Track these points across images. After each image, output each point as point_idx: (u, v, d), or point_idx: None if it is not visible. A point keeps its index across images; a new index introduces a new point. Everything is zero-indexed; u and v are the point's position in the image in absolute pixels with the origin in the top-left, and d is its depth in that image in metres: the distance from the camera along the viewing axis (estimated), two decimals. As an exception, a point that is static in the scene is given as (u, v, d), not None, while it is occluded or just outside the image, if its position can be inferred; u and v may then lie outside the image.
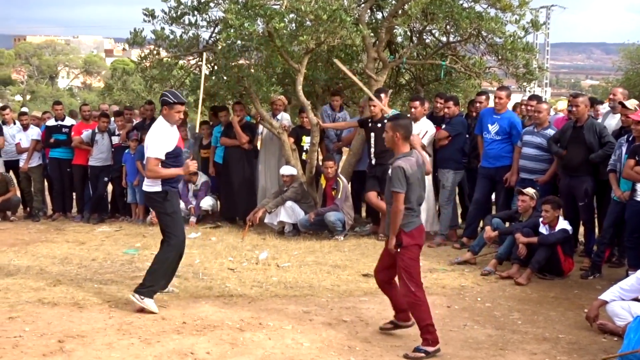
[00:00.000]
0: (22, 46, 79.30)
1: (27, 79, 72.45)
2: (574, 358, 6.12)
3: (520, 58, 11.83)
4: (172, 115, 7.22)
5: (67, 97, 59.43)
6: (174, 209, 7.37)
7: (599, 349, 6.35)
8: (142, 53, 12.73)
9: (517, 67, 12.03)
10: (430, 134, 10.76)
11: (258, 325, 6.78)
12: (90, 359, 5.82)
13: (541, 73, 13.65)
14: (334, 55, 13.09)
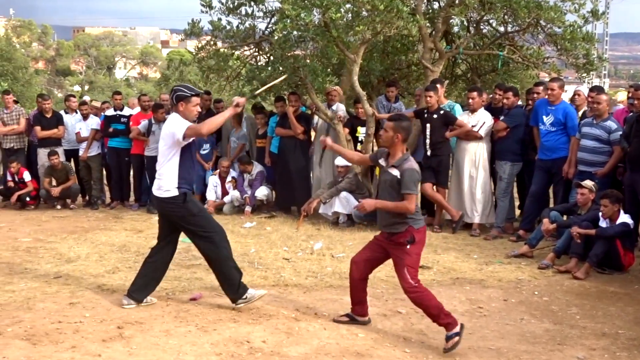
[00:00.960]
0: (81, 37, 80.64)
1: (86, 69, 73.70)
2: (635, 355, 6.00)
3: (579, 48, 11.62)
4: (190, 110, 6.64)
5: (124, 87, 60.31)
6: (198, 206, 6.90)
7: None
8: (199, 44, 12.84)
9: (576, 58, 11.81)
10: (487, 125, 10.65)
11: (313, 315, 6.79)
12: (149, 345, 5.89)
13: (600, 63, 13.39)
14: (390, 45, 13.06)
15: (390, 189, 6.09)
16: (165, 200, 6.67)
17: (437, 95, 10.72)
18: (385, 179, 6.17)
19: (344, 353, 5.88)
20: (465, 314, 7.00)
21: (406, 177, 5.96)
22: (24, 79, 42.66)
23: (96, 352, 5.69)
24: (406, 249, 6.05)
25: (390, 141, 6.10)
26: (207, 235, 6.77)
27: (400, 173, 5.99)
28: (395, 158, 6.09)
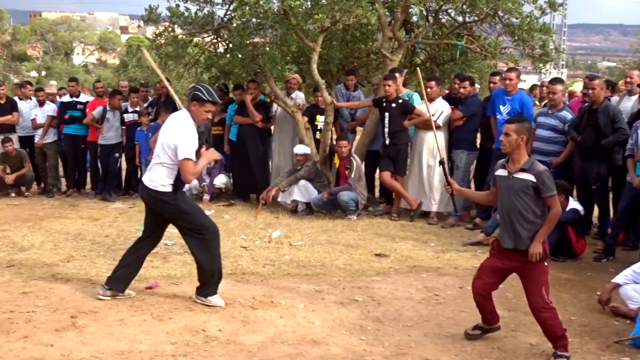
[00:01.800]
0: (38, 22, 79.27)
1: (43, 55, 72.49)
2: (586, 340, 6.10)
3: (536, 39, 11.73)
4: (201, 113, 6.46)
5: (82, 73, 59.44)
6: (189, 204, 6.77)
7: (611, 332, 6.34)
8: (156, 30, 12.72)
9: (533, 48, 11.93)
10: (445, 115, 10.72)
11: (270, 303, 6.79)
12: (103, 335, 5.84)
13: (557, 54, 13.54)
14: (349, 34, 13.05)
15: (521, 196, 5.62)
16: (157, 195, 6.51)
17: (396, 84, 10.76)
18: (512, 186, 5.67)
19: (300, 341, 5.89)
20: (422, 302, 7.06)
21: (545, 179, 5.57)
22: (-22, 65, 41.87)
23: (49, 342, 5.63)
24: (543, 266, 5.66)
25: (514, 145, 5.65)
26: (197, 231, 6.61)
27: (536, 176, 5.56)
28: (522, 162, 5.66)
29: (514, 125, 5.66)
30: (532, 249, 5.55)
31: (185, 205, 6.62)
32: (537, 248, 5.55)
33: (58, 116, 13.07)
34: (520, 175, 5.63)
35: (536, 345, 5.96)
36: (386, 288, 7.44)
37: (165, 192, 6.48)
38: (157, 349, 5.59)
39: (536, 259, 5.56)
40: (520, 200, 5.63)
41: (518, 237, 5.66)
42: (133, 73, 37.71)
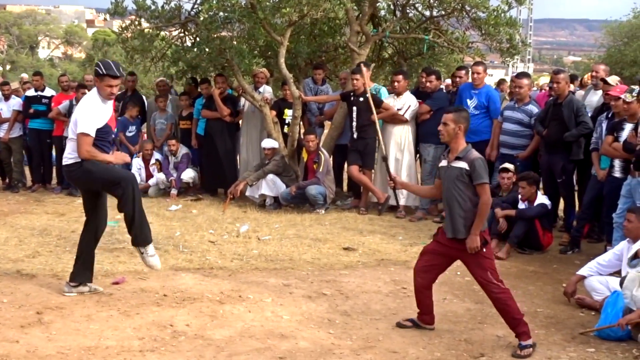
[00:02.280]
0: (2, 15, 78.20)
1: (7, 48, 71.60)
2: (552, 332, 6.17)
3: (503, 33, 11.82)
4: (103, 87, 6.44)
5: (47, 67, 58.79)
6: (97, 165, 6.51)
7: (577, 323, 6.41)
8: (123, 24, 12.61)
9: (500, 42, 12.01)
10: (412, 109, 10.76)
11: (238, 297, 6.78)
12: (69, 331, 5.80)
13: (524, 48, 13.63)
14: (317, 28, 13.04)
15: (456, 184, 5.73)
16: (68, 167, 6.59)
17: (364, 78, 10.75)
18: (450, 175, 5.78)
19: (269, 335, 5.89)
20: (390, 295, 7.09)
21: (477, 167, 5.64)
22: (-60, 58, 41.27)
23: (14, 339, 5.57)
24: (483, 253, 5.72)
25: (452, 134, 5.75)
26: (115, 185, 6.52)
27: (469, 164, 5.65)
28: (459, 150, 5.75)
29: (451, 115, 5.76)
30: (468, 242, 5.66)
31: (92, 166, 6.50)
32: (474, 242, 5.64)
33: (23, 110, 12.91)
34: (456, 164, 5.73)
35: (503, 337, 6.01)
36: (354, 282, 7.46)
37: (74, 162, 6.51)
38: (124, 344, 5.56)
39: (473, 252, 5.67)
40: (457, 189, 5.74)
41: (456, 227, 5.77)
42: (99, 67, 37.38)
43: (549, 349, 5.78)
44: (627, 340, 5.91)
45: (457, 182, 5.72)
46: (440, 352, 5.69)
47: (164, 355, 5.40)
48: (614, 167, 8.39)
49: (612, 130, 8.36)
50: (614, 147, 8.22)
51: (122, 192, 6.50)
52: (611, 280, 6.71)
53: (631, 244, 6.79)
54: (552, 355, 5.65)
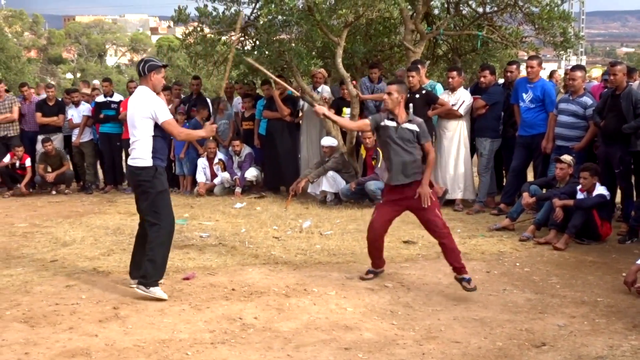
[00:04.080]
0: (72, 26, 79.95)
1: (77, 57, 73.15)
2: (612, 321, 6.05)
3: (556, 27, 11.67)
4: (159, 80, 6.63)
5: (115, 74, 59.90)
6: (165, 186, 6.68)
7: (637, 312, 6.27)
8: (186, 30, 12.77)
9: (553, 36, 11.86)
10: (467, 104, 10.65)
11: (303, 291, 6.81)
12: (144, 324, 5.90)
13: (577, 41, 13.41)
14: (372, 28, 13.01)
15: (407, 144, 6.72)
16: (137, 170, 6.58)
17: (419, 75, 10.71)
18: (402, 136, 6.73)
19: (333, 327, 5.90)
20: (450, 286, 7.03)
21: (424, 128, 6.79)
22: (17, 68, 42.33)
23: (93, 333, 5.69)
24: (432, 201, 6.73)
25: (396, 102, 6.71)
26: (156, 214, 6.61)
27: (418, 125, 6.74)
28: (404, 115, 6.79)
29: (395, 86, 6.76)
30: (421, 191, 6.68)
31: (160, 186, 6.60)
32: (426, 190, 6.68)
33: (93, 116, 13.18)
34: (408, 126, 6.74)
35: (564, 326, 5.92)
36: (415, 274, 7.43)
37: (146, 166, 6.54)
38: (196, 337, 5.63)
39: (426, 198, 6.67)
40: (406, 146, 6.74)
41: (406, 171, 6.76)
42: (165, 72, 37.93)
43: (610, 338, 5.67)
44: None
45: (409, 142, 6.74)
46: (502, 342, 5.62)
47: (234, 347, 5.45)
48: (671, 156, 8.20)
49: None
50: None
51: (157, 230, 6.63)
52: None
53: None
54: (614, 344, 5.54)
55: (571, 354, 5.35)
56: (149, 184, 6.56)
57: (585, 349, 5.46)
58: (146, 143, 6.54)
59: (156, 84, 6.64)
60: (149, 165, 6.53)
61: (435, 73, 14.15)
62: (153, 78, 6.59)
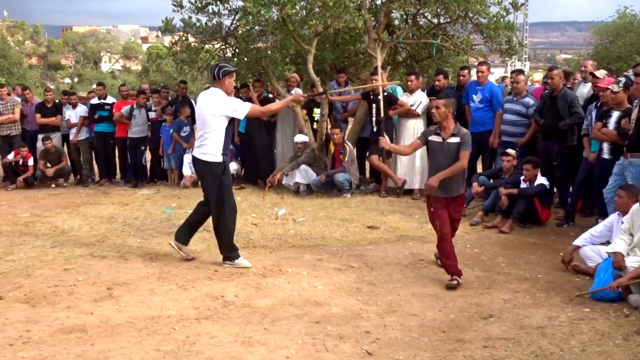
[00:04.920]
0: (69, 35, 78.81)
1: (75, 64, 72.19)
2: (551, 295, 6.13)
3: (502, 36, 11.73)
4: (231, 84, 6.84)
5: (109, 79, 59.20)
6: (230, 181, 6.94)
7: (573, 287, 6.36)
8: (172, 39, 12.68)
9: (500, 44, 11.93)
10: (424, 104, 10.70)
11: (278, 271, 6.81)
12: (135, 303, 5.87)
13: (521, 49, 13.49)
14: (340, 37, 13.00)
15: (452, 158, 6.30)
16: (209, 165, 6.71)
17: (381, 79, 10.71)
18: (447, 149, 6.33)
19: (305, 303, 5.91)
20: (409, 266, 7.08)
21: (467, 139, 6.31)
22: (19, 74, 41.82)
23: (89, 311, 5.66)
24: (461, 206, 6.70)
25: (444, 115, 6.32)
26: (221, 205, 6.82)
27: (461, 137, 6.30)
28: (451, 128, 6.36)
29: (442, 101, 6.36)
30: (431, 181, 6.29)
31: (227, 180, 6.82)
32: (433, 182, 6.28)
33: (88, 116, 13.06)
34: (452, 140, 6.31)
35: (508, 300, 5.99)
36: (378, 255, 7.47)
37: (217, 162, 6.72)
38: (182, 313, 5.62)
39: (428, 191, 6.36)
40: (451, 158, 6.30)
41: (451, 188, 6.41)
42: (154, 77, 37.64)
43: (549, 310, 5.74)
44: (618, 301, 5.85)
45: (454, 155, 6.28)
46: (454, 314, 5.68)
47: (216, 322, 5.45)
48: (602, 150, 8.30)
49: (601, 117, 8.25)
50: (603, 132, 8.12)
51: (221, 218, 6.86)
52: (603, 249, 6.65)
53: (621, 216, 6.72)
54: (553, 316, 5.62)
55: (515, 325, 5.42)
56: (216, 178, 6.73)
57: (527, 320, 5.53)
58: (217, 140, 6.70)
59: (228, 87, 6.78)
60: (218, 161, 6.72)
61: (395, 77, 14.14)
62: (226, 82, 6.73)
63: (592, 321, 5.47)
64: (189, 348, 4.90)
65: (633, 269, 5.93)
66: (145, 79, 38.26)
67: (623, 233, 6.33)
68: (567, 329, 5.29)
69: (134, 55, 77.66)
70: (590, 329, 5.28)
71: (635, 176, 7.51)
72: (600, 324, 5.37)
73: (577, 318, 5.55)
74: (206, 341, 5.03)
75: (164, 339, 5.06)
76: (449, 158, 6.31)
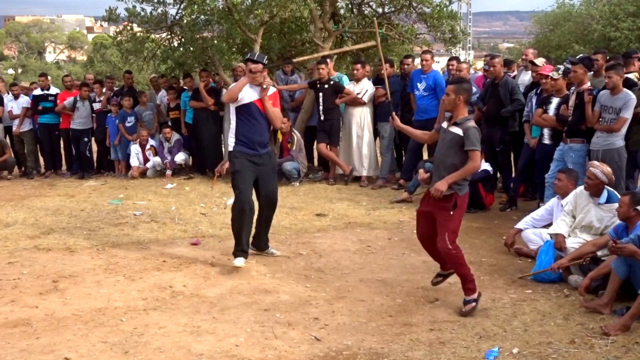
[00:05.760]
0: (12, 25, 76.63)
1: (18, 54, 70.34)
2: (495, 277, 6.23)
3: (445, 25, 11.83)
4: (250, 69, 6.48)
5: (54, 69, 57.71)
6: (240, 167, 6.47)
7: (516, 269, 6.48)
8: (117, 29, 12.44)
9: (443, 33, 12.03)
10: (370, 93, 10.73)
11: (227, 260, 6.75)
12: (82, 295, 5.76)
13: (464, 37, 13.65)
14: (286, 26, 12.94)
15: (450, 148, 5.35)
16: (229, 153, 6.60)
17: (328, 68, 10.72)
18: (445, 138, 5.43)
19: (254, 291, 5.89)
20: (357, 252, 7.11)
21: (470, 134, 5.26)
22: (-40, 65, 40.55)
23: (34, 304, 5.53)
24: (449, 214, 5.34)
25: (453, 103, 5.40)
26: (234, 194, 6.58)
27: (463, 131, 5.27)
28: (458, 118, 5.39)
29: (452, 86, 5.43)
30: (437, 184, 5.29)
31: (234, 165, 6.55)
32: (441, 186, 5.26)
33: (32, 107, 12.73)
34: (452, 129, 5.37)
35: (454, 283, 6.06)
36: (326, 242, 7.48)
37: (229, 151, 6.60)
38: (130, 304, 5.54)
39: (435, 194, 5.29)
40: (449, 150, 5.38)
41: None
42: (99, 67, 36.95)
43: (493, 292, 5.84)
44: (558, 282, 5.99)
45: (450, 146, 5.37)
46: (401, 299, 5.73)
47: (164, 312, 5.38)
48: (543, 135, 8.47)
49: (541, 104, 8.41)
50: (544, 118, 8.27)
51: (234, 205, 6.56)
52: (544, 232, 6.79)
53: (560, 200, 6.86)
54: (496, 297, 5.71)
55: (460, 307, 5.49)
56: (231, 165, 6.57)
57: (472, 302, 5.61)
58: (230, 128, 6.60)
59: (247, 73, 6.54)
60: (230, 150, 6.57)
61: (342, 66, 14.16)
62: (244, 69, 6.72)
63: (534, 302, 5.58)
64: (136, 339, 4.83)
65: (573, 249, 6.08)
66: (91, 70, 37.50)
67: (565, 215, 6.48)
68: (510, 310, 5.39)
69: (79, 46, 76.04)
70: (532, 310, 5.39)
71: (575, 160, 7.70)
72: (541, 305, 5.48)
73: (520, 299, 5.66)
74: (154, 332, 4.97)
75: (111, 331, 4.98)
76: (443, 147, 5.45)
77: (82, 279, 6.18)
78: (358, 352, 4.64)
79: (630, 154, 7.63)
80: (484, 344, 4.73)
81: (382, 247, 7.26)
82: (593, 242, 5.99)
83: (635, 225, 5.55)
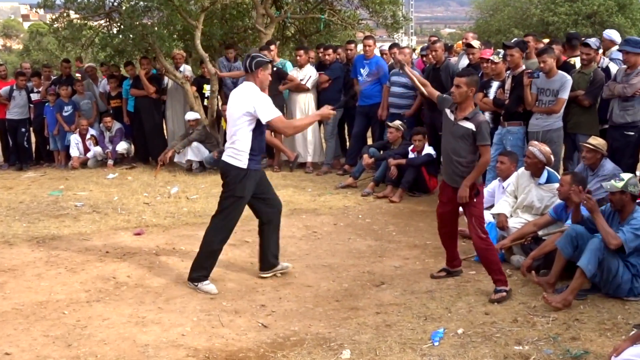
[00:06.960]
0: (-58, 13, 74.15)
1: (-51, 43, 68.05)
2: (439, 260, 6.29)
3: (387, 10, 11.91)
4: (266, 77, 5.60)
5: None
6: (247, 193, 5.63)
7: (460, 252, 6.53)
8: (53, 16, 12.11)
9: (385, 18, 12.10)
10: (313, 79, 10.72)
11: (172, 250, 6.70)
12: (22, 289, 5.61)
13: (406, 23, 13.76)
14: (227, 13, 12.83)
15: (461, 142, 5.32)
16: (230, 166, 5.55)
17: (271, 54, 10.65)
18: (455, 131, 5.36)
19: (200, 280, 5.83)
20: (303, 238, 7.12)
21: (482, 129, 5.23)
22: None
23: (-29, 300, 5.38)
24: (472, 202, 5.35)
25: (464, 95, 5.28)
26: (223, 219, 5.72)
27: (476, 126, 5.23)
28: (467, 111, 5.30)
29: (464, 79, 5.30)
30: (460, 192, 5.33)
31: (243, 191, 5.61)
32: (464, 192, 5.30)
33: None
34: (463, 124, 5.31)
35: (399, 266, 6.14)
36: (272, 229, 7.45)
37: (240, 167, 5.53)
38: (72, 297, 5.43)
39: (462, 201, 5.34)
40: (459, 143, 5.36)
41: (453, 178, 5.47)
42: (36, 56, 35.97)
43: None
44: (501, 262, 6.09)
45: (461, 140, 5.33)
46: (347, 284, 5.76)
47: (108, 303, 5.29)
48: (484, 119, 8.58)
49: (481, 87, 8.50)
50: (484, 102, 8.38)
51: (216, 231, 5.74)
52: (486, 213, 6.89)
53: (502, 182, 6.99)
54: (440, 280, 5.79)
55: (405, 290, 5.56)
56: (233, 187, 5.59)
57: (417, 285, 5.70)
58: (244, 142, 5.53)
59: (263, 80, 5.59)
60: (241, 167, 5.54)
61: (285, 52, 14.12)
62: (260, 75, 5.53)
63: (478, 283, 5.69)
64: (79, 332, 4.74)
65: (515, 229, 6.20)
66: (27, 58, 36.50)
67: (508, 195, 6.60)
68: (455, 292, 5.48)
69: (15, 34, 73.86)
70: (476, 291, 5.50)
71: (513, 143, 7.84)
72: (485, 285, 5.58)
73: (464, 280, 5.76)
74: (98, 324, 4.88)
75: (54, 324, 4.88)
76: (452, 141, 5.40)
77: (22, 272, 6.03)
78: (305, 338, 4.66)
79: (569, 135, 7.81)
80: (429, 325, 4.80)
81: (328, 233, 7.29)
82: (534, 222, 6.13)
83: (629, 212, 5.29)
